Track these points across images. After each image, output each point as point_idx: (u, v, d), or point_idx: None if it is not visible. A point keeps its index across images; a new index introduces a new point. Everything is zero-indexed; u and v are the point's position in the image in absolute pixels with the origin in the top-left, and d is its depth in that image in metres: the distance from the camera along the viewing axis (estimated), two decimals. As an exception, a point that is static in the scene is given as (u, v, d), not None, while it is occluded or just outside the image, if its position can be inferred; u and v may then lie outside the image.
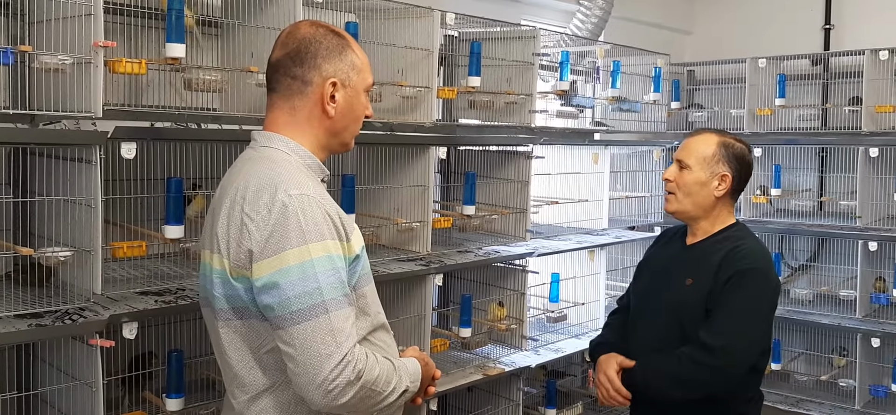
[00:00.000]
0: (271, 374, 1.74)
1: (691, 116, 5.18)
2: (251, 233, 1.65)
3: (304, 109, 1.80)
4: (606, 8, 4.55)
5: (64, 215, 2.30)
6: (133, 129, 2.38)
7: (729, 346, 2.40)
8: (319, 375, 1.59)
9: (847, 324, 4.40)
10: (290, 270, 1.61)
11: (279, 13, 2.65)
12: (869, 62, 4.42)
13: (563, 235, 4.17)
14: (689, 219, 2.62)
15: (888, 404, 4.34)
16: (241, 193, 1.70)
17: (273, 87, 1.84)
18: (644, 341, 2.61)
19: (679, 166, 2.60)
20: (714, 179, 2.56)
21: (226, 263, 1.70)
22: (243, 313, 1.72)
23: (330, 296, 1.62)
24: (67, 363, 2.29)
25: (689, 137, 2.67)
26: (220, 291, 1.74)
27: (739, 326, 2.42)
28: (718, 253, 2.51)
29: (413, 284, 3.19)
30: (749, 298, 2.44)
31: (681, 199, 2.59)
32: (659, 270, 2.71)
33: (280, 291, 1.62)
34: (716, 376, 2.42)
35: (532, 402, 3.96)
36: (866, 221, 4.44)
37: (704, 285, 2.48)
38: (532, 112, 3.66)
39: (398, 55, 3.20)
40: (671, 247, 2.73)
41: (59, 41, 2.18)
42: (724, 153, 2.57)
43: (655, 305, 2.63)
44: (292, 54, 1.79)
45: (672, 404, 2.51)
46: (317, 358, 1.60)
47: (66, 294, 2.29)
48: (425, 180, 3.28)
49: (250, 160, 1.79)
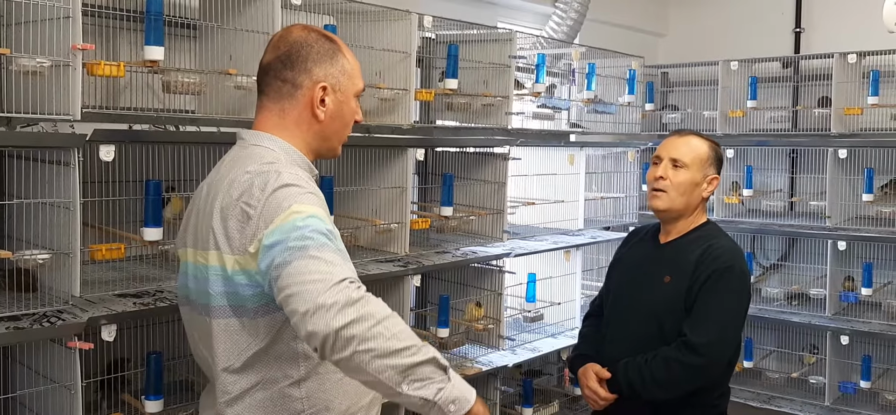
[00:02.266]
0: (254, 375, 1.75)
1: (665, 118, 5.24)
2: (251, 217, 1.66)
3: (294, 112, 1.81)
4: (582, 11, 4.60)
5: (42, 218, 2.29)
6: (111, 131, 2.38)
7: (711, 343, 2.46)
8: (318, 296, 1.53)
9: (817, 322, 4.48)
10: (282, 228, 1.61)
11: (257, 16, 2.66)
12: (838, 65, 4.50)
13: (539, 235, 4.21)
14: (673, 218, 2.63)
15: (857, 401, 4.43)
16: (237, 187, 1.70)
17: (263, 89, 1.83)
18: (622, 340, 2.63)
19: (673, 165, 2.60)
20: (705, 180, 2.61)
21: (227, 259, 1.70)
22: (239, 311, 1.72)
23: (321, 242, 1.60)
24: (46, 366, 2.28)
25: (678, 137, 2.67)
26: (219, 287, 1.73)
27: (720, 323, 2.48)
28: (694, 251, 2.55)
29: (391, 284, 3.20)
30: (728, 297, 2.50)
31: (674, 197, 2.59)
32: (633, 269, 2.73)
33: (274, 248, 1.61)
34: (699, 374, 2.48)
35: (509, 401, 3.99)
36: (835, 222, 4.52)
37: (683, 283, 2.52)
38: (509, 114, 3.69)
39: (376, 57, 3.22)
40: (643, 246, 2.76)
41: (37, 44, 2.17)
42: (715, 156, 2.64)
43: (633, 304, 2.65)
44: (283, 57, 1.79)
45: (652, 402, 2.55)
46: (311, 283, 1.54)
47: (45, 297, 2.28)
48: (403, 182, 3.30)
49: (239, 158, 1.79)
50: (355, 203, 3.40)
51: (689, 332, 2.46)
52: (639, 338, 2.57)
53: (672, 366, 2.47)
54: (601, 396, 2.60)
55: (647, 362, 2.51)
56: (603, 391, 2.60)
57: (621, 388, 2.56)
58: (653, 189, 2.63)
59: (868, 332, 4.34)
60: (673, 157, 2.60)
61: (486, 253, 3.61)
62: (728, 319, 2.50)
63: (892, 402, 4.32)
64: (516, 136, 3.83)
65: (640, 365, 2.52)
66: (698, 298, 2.49)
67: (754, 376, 4.81)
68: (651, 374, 2.49)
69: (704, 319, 2.47)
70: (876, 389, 4.39)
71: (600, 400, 2.61)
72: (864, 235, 4.41)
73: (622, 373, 2.55)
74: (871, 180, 4.40)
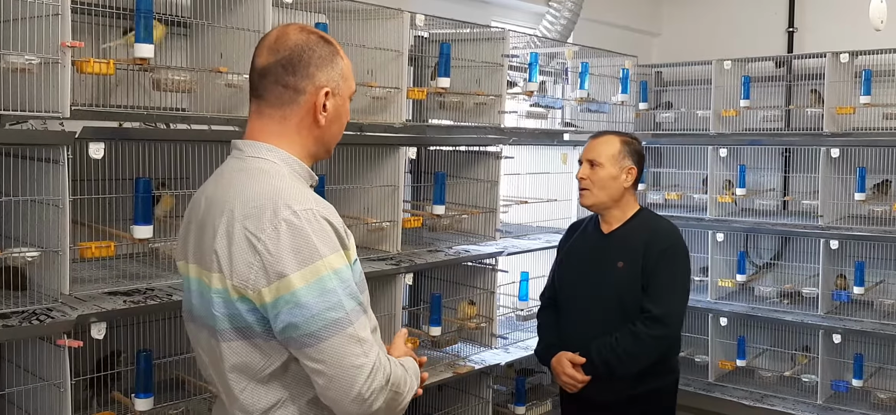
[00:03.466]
0: (273, 394, 1.69)
1: (659, 117, 5.25)
2: (260, 253, 1.59)
3: (295, 118, 1.73)
4: (575, 10, 4.60)
5: (31, 216, 2.29)
6: (101, 129, 2.38)
7: (672, 311, 2.86)
8: (354, 386, 1.58)
9: (809, 321, 4.49)
10: (310, 288, 1.57)
11: (248, 14, 2.66)
12: (830, 65, 4.51)
13: (532, 234, 4.21)
14: (603, 209, 2.99)
15: (849, 399, 4.44)
16: (241, 210, 1.63)
17: (261, 94, 1.74)
18: (587, 325, 2.93)
19: (590, 165, 2.95)
20: (622, 172, 2.94)
21: (228, 283, 1.63)
22: (246, 333, 1.65)
23: (350, 307, 1.60)
24: (35, 364, 2.28)
25: (595, 139, 3.03)
26: (222, 310, 1.66)
27: (675, 293, 2.89)
28: (639, 236, 2.92)
29: (383, 283, 3.21)
30: (677, 270, 2.91)
31: (596, 192, 2.95)
32: (585, 259, 3.01)
33: (303, 308, 1.57)
34: (665, 341, 2.87)
35: (502, 399, 4.00)
36: (828, 220, 4.53)
37: (636, 265, 2.87)
38: (501, 113, 3.69)
39: (368, 56, 3.22)
40: (587, 238, 3.06)
41: (26, 41, 2.17)
42: (628, 150, 2.97)
43: (591, 291, 2.95)
44: (284, 62, 1.71)
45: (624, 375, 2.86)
46: (349, 370, 1.58)
47: (34, 295, 2.28)
48: (395, 180, 3.30)
49: (241, 172, 1.71)
50: (347, 201, 3.40)
51: (652, 306, 2.82)
52: (604, 319, 2.89)
53: (641, 338, 2.82)
54: (579, 379, 2.92)
55: (618, 339, 2.84)
56: (580, 375, 2.92)
57: (596, 367, 2.87)
58: (580, 189, 3.01)
59: (860, 330, 4.34)
60: (589, 158, 2.97)
61: (479, 252, 3.62)
62: (680, 289, 2.91)
63: (884, 400, 4.33)
64: (509, 135, 3.83)
65: (611, 344, 2.84)
66: (653, 276, 2.85)
67: (747, 375, 4.82)
68: (624, 349, 2.82)
69: (662, 292, 2.84)
70: (868, 387, 4.40)
71: (578, 383, 2.92)
72: (856, 234, 4.42)
73: (596, 353, 2.87)
74: (863, 179, 4.40)
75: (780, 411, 4.48)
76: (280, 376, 1.67)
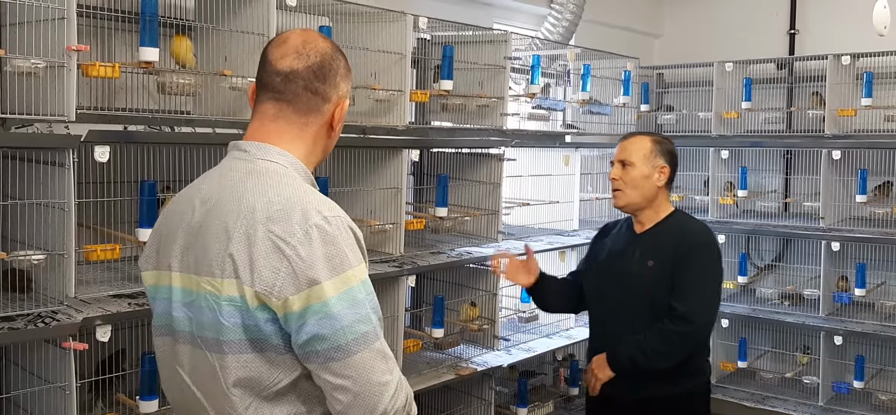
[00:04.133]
0: (280, 412, 1.59)
1: (660, 119, 5.26)
2: (290, 259, 1.50)
3: (315, 126, 1.69)
4: (577, 12, 4.61)
5: (37, 219, 2.30)
6: (106, 132, 2.39)
7: (700, 309, 2.80)
8: (380, 405, 1.52)
9: (811, 322, 4.50)
10: (341, 298, 1.51)
11: (253, 17, 2.67)
12: (832, 67, 4.52)
13: (534, 236, 4.21)
14: (636, 210, 2.94)
15: (850, 401, 4.45)
16: (264, 212, 1.54)
17: (287, 97, 1.67)
18: (617, 325, 2.89)
19: (622, 166, 2.91)
20: (655, 171, 2.89)
21: (247, 290, 1.52)
22: (260, 346, 1.56)
23: (375, 320, 1.55)
24: (40, 367, 2.29)
25: (625, 140, 2.98)
26: (235, 320, 1.55)
27: (703, 291, 2.82)
28: (670, 235, 2.88)
29: (386, 285, 3.21)
30: (706, 267, 2.85)
31: (629, 193, 2.90)
32: (615, 259, 2.97)
33: (333, 320, 1.50)
34: (692, 338, 2.82)
35: (504, 401, 4.00)
36: (829, 222, 4.54)
37: (666, 265, 2.83)
38: (504, 115, 3.70)
39: (371, 59, 3.23)
40: (619, 238, 3.02)
41: (32, 45, 2.18)
42: (660, 149, 2.93)
43: (622, 291, 2.91)
44: (316, 68, 1.67)
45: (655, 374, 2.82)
46: (376, 386, 1.52)
47: (39, 297, 2.29)
48: (398, 183, 3.31)
49: (253, 174, 1.61)
50: (350, 204, 3.40)
51: (677, 304, 2.79)
52: (634, 319, 2.85)
53: (668, 335, 2.78)
54: (600, 376, 2.89)
55: (646, 337, 2.80)
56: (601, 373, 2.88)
57: (623, 365, 2.84)
58: (612, 190, 2.97)
59: (861, 332, 4.35)
60: (621, 159, 2.93)
61: (482, 253, 3.62)
62: (707, 285, 2.84)
63: (885, 402, 4.34)
64: (511, 136, 3.84)
65: (639, 342, 2.81)
66: (680, 273, 2.81)
67: (748, 377, 4.83)
68: (652, 347, 2.79)
69: (687, 289, 2.79)
70: (869, 389, 4.41)
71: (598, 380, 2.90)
72: (857, 236, 4.43)
73: (622, 351, 2.84)
74: (864, 181, 4.41)
75: (781, 412, 4.49)
76: (288, 394, 1.59)
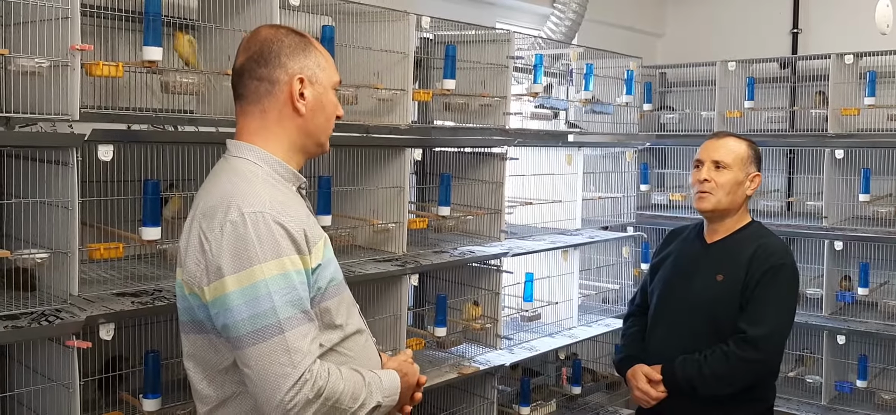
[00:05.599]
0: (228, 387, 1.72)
1: (663, 118, 5.25)
2: (206, 252, 1.63)
3: (274, 110, 1.76)
4: (580, 11, 4.61)
5: (40, 217, 2.30)
6: (110, 131, 2.40)
7: (769, 336, 2.55)
8: (276, 395, 1.58)
9: (814, 322, 4.49)
10: (241, 292, 1.60)
11: (256, 16, 2.67)
12: (835, 66, 4.51)
13: (537, 235, 4.22)
14: (721, 216, 2.71)
15: (853, 400, 4.44)
16: (202, 209, 1.68)
17: (241, 93, 1.79)
18: (673, 339, 2.70)
19: (715, 166, 2.68)
20: (747, 178, 2.70)
21: (184, 279, 1.70)
22: (200, 327, 1.71)
23: (285, 315, 1.60)
24: (44, 365, 2.30)
25: (717, 139, 2.75)
26: (182, 303, 1.74)
27: (777, 317, 2.58)
28: (746, 249, 2.64)
29: (389, 284, 3.22)
30: (782, 293, 2.60)
31: (720, 197, 2.67)
32: (682, 268, 2.77)
33: (233, 312, 1.60)
34: (757, 367, 2.57)
35: (506, 400, 4.00)
36: (832, 222, 4.54)
37: (737, 281, 2.60)
38: (506, 114, 3.70)
39: (374, 58, 3.23)
40: (688, 246, 2.81)
41: (35, 44, 2.18)
42: (754, 155, 2.73)
43: (683, 304, 2.71)
44: (256, 56, 1.75)
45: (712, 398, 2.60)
46: (273, 379, 1.58)
47: (43, 296, 2.29)
48: (401, 182, 3.31)
49: (219, 172, 1.77)
50: (353, 203, 3.41)
51: (747, 327, 2.55)
52: (693, 334, 2.64)
53: (732, 360, 2.54)
54: (652, 396, 2.68)
55: (706, 357, 2.58)
56: (654, 391, 2.68)
57: (678, 383, 2.62)
58: (699, 192, 2.71)
59: (864, 331, 4.35)
60: (715, 159, 2.68)
61: (484, 253, 3.62)
62: (783, 314, 2.60)
63: (889, 401, 4.33)
64: (514, 136, 3.84)
65: (699, 361, 2.59)
66: (754, 294, 2.57)
67: (751, 376, 4.81)
68: (711, 369, 2.56)
69: (762, 314, 2.55)
70: (872, 388, 4.41)
71: (651, 400, 2.69)
72: (860, 235, 4.43)
73: (680, 368, 2.62)
74: (867, 180, 4.41)
75: (783, 411, 4.47)
76: (234, 372, 1.70)
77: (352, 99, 3.14)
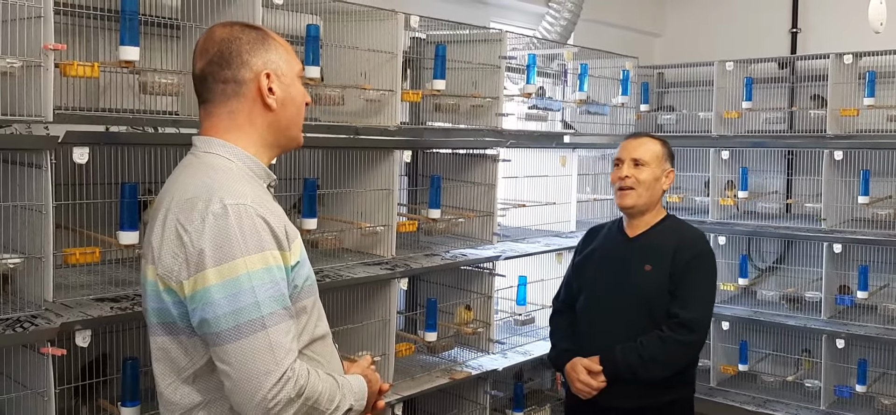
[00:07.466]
0: (196, 394, 1.67)
1: (661, 119, 5.20)
2: (185, 244, 1.57)
3: (243, 111, 1.72)
4: (575, 11, 4.55)
5: (14, 221, 2.26)
6: (86, 133, 2.34)
7: (700, 319, 2.79)
8: (258, 393, 1.54)
9: (813, 325, 4.43)
10: (225, 285, 1.54)
11: (238, 15, 2.62)
12: (834, 66, 4.46)
13: (530, 237, 4.16)
14: (640, 212, 2.90)
15: (853, 405, 4.38)
16: (177, 202, 1.62)
17: (206, 97, 1.74)
18: (610, 330, 2.83)
19: (635, 164, 2.86)
20: (663, 174, 2.90)
21: (158, 275, 1.62)
22: (171, 329, 1.65)
23: (268, 310, 1.56)
24: (18, 372, 2.25)
25: (634, 139, 2.95)
26: (152, 303, 1.67)
27: (704, 301, 2.84)
28: (668, 240, 2.85)
29: (378, 288, 3.17)
30: (705, 278, 2.85)
31: (640, 193, 2.86)
32: (609, 263, 2.92)
33: (214, 306, 1.54)
34: (691, 348, 2.81)
35: (499, 405, 3.94)
36: (831, 224, 4.48)
37: (664, 270, 2.80)
38: (499, 115, 3.65)
39: (362, 58, 3.18)
40: (611, 242, 2.97)
41: (7, 44, 2.14)
42: (668, 152, 2.93)
43: (616, 294, 2.86)
44: (216, 59, 1.70)
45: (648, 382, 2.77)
46: (255, 376, 1.54)
47: (17, 301, 2.25)
48: (390, 184, 3.26)
49: (189, 167, 1.71)
50: (341, 205, 3.36)
51: (679, 311, 2.75)
52: (628, 323, 2.80)
53: (669, 343, 2.75)
54: (594, 386, 2.82)
55: (643, 343, 2.75)
56: (594, 382, 2.82)
57: (619, 371, 2.78)
58: (620, 188, 2.89)
59: (864, 335, 4.29)
60: (634, 157, 2.87)
61: (476, 256, 3.57)
62: (709, 296, 2.87)
63: (888, 406, 4.27)
64: (507, 137, 3.78)
65: (636, 348, 2.76)
66: (682, 281, 2.78)
67: (749, 380, 4.76)
68: (650, 354, 2.74)
69: (691, 298, 2.78)
70: (872, 393, 4.34)
71: (593, 390, 2.83)
72: (860, 238, 4.36)
73: (621, 356, 2.78)
74: (867, 182, 4.35)
75: (782, 416, 4.43)
76: (205, 377, 1.65)
77: (339, 99, 3.08)
